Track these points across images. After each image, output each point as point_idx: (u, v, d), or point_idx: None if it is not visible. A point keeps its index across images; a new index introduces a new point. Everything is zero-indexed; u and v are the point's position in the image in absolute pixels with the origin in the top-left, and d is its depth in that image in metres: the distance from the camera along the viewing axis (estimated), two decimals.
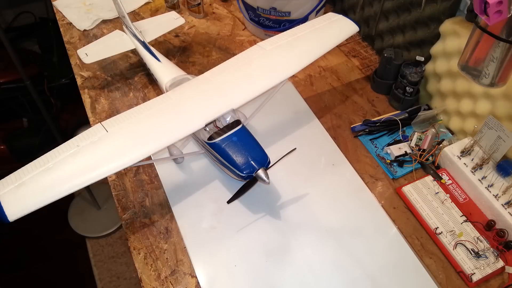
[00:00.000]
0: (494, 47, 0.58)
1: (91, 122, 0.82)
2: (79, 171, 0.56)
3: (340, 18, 0.80)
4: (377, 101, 0.89)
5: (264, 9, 0.94)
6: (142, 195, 0.72)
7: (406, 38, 0.88)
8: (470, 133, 0.76)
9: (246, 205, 0.70)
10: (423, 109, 0.84)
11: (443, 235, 0.66)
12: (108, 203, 1.79)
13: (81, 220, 1.76)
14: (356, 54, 0.99)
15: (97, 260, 1.67)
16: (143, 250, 0.66)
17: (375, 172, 0.76)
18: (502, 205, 0.66)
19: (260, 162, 0.67)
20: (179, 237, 0.67)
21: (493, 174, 0.69)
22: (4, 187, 0.54)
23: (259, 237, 0.66)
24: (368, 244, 0.66)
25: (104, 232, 1.73)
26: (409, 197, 0.71)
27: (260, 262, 0.64)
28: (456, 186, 0.73)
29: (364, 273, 0.63)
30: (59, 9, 1.11)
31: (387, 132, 0.82)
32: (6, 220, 0.53)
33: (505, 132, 0.67)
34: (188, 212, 0.69)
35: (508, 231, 0.65)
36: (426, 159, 0.76)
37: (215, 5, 1.13)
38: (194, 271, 0.63)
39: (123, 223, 0.69)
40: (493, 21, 0.54)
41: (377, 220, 0.69)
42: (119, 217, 0.70)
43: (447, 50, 0.77)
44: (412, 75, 0.81)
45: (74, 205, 1.80)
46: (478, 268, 0.62)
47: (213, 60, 0.98)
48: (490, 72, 0.61)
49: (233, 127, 0.69)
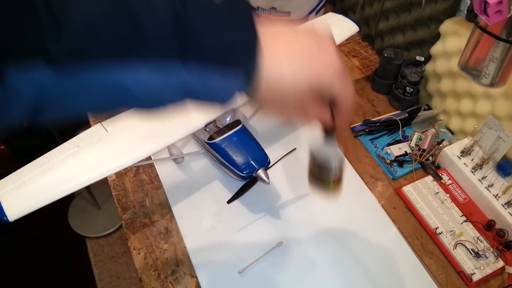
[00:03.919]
0: (494, 47, 0.58)
1: (91, 122, 0.82)
2: (79, 171, 0.56)
3: (340, 18, 0.80)
4: (377, 101, 0.89)
5: (264, 9, 0.94)
6: (142, 195, 0.72)
7: (406, 38, 0.88)
8: (470, 133, 0.76)
9: (246, 205, 0.70)
10: (423, 109, 0.84)
11: (443, 235, 0.66)
12: (108, 203, 1.79)
13: (81, 220, 1.76)
14: (356, 54, 0.99)
15: (97, 260, 1.67)
16: (143, 250, 0.66)
17: (375, 172, 0.76)
18: (502, 205, 0.66)
19: (260, 162, 0.67)
20: (179, 237, 0.67)
21: (493, 174, 0.69)
22: (4, 187, 0.54)
23: (259, 237, 0.66)
24: (368, 244, 0.66)
25: (104, 232, 1.73)
26: (409, 197, 0.71)
27: (260, 262, 0.64)
28: (456, 186, 0.73)
29: (364, 273, 0.63)
30: None
31: (387, 132, 0.82)
32: (6, 220, 0.53)
33: (505, 132, 0.67)
34: (188, 212, 0.69)
35: (508, 231, 0.65)
36: (426, 159, 0.76)
37: None
38: (194, 271, 0.63)
39: (123, 223, 0.69)
40: (493, 21, 0.54)
41: (377, 220, 0.69)
42: (119, 217, 0.70)
43: (447, 50, 0.77)
44: (412, 75, 0.81)
45: (74, 205, 1.80)
46: (478, 268, 0.62)
47: None
48: (490, 72, 0.61)
49: (233, 127, 0.69)
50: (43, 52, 0.28)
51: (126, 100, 0.33)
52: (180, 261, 0.65)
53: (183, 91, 0.33)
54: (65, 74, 0.29)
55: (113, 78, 0.30)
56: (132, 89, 0.31)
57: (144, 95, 0.32)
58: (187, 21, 0.30)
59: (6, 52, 0.27)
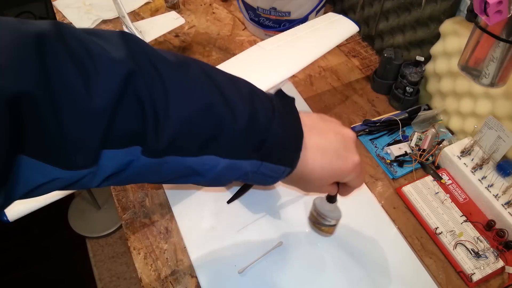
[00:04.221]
0: (494, 47, 0.58)
1: None
2: None
3: (340, 18, 0.80)
4: (377, 101, 0.89)
5: (264, 9, 0.94)
6: (142, 195, 0.72)
7: (406, 38, 0.89)
8: (470, 133, 0.76)
9: (246, 205, 0.70)
10: (423, 109, 0.84)
11: (443, 235, 0.66)
12: (108, 203, 1.79)
13: (81, 220, 1.76)
14: (356, 54, 0.99)
15: (97, 260, 1.67)
16: (143, 250, 0.66)
17: (375, 172, 0.76)
18: (502, 205, 0.66)
19: None
20: (179, 237, 0.67)
21: (493, 174, 0.69)
22: None
23: (259, 237, 0.66)
24: (368, 244, 0.66)
25: (104, 232, 1.73)
26: (409, 197, 0.71)
27: (260, 262, 0.64)
28: (456, 186, 0.73)
29: (364, 272, 0.63)
30: (59, 9, 1.11)
31: (387, 132, 0.82)
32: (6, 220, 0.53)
33: (505, 132, 0.67)
34: (188, 212, 0.70)
35: (508, 231, 0.65)
36: (426, 159, 0.76)
37: (215, 5, 1.14)
38: (194, 271, 0.63)
39: (123, 223, 0.69)
40: (493, 21, 0.54)
41: (377, 220, 0.69)
42: (119, 217, 0.70)
43: (447, 50, 0.77)
44: (412, 75, 0.81)
45: (74, 205, 1.80)
46: (478, 268, 0.62)
47: (213, 60, 0.98)
48: (490, 72, 0.61)
49: None
50: (142, 143, 0.33)
51: (196, 179, 0.40)
52: (180, 261, 0.65)
53: (243, 177, 0.41)
54: (155, 160, 0.35)
55: (193, 166, 0.37)
56: (206, 174, 0.39)
57: (214, 179, 0.40)
58: (257, 123, 0.38)
59: (107, 139, 0.31)
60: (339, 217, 0.62)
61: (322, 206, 0.61)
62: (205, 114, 0.35)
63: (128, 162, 0.34)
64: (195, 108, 0.35)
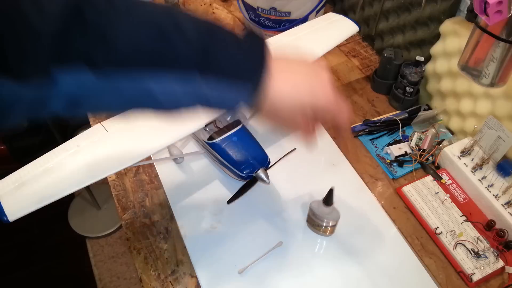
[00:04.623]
0: (494, 47, 0.58)
1: (91, 122, 0.82)
2: (79, 171, 0.56)
3: (340, 18, 0.80)
4: (377, 101, 0.89)
5: (264, 9, 0.94)
6: (142, 195, 0.72)
7: (406, 38, 0.88)
8: (470, 133, 0.76)
9: (246, 205, 0.70)
10: (423, 109, 0.84)
11: (443, 235, 0.66)
12: (108, 203, 1.79)
13: (81, 220, 1.76)
14: (356, 54, 0.99)
15: (97, 260, 1.67)
16: (143, 250, 0.66)
17: (375, 172, 0.76)
18: (502, 205, 0.66)
19: (260, 162, 0.67)
20: (179, 237, 0.67)
21: (493, 174, 0.69)
22: (4, 187, 0.54)
23: (259, 237, 0.66)
24: (368, 244, 0.66)
25: (104, 232, 1.73)
26: (409, 197, 0.71)
27: (260, 262, 0.64)
28: (456, 186, 0.73)
29: (364, 273, 0.63)
30: None
31: (387, 132, 0.82)
32: (6, 220, 0.53)
33: (505, 132, 0.67)
34: (188, 212, 0.69)
35: (508, 231, 0.65)
36: (426, 159, 0.76)
37: (215, 5, 1.13)
38: (194, 271, 0.63)
39: (123, 223, 0.69)
40: (493, 21, 0.54)
41: (377, 220, 0.69)
42: (119, 217, 0.70)
43: (447, 50, 0.77)
44: (412, 75, 0.81)
45: (74, 205, 1.80)
46: (478, 268, 0.62)
47: None
48: (490, 72, 0.61)
49: (233, 127, 0.69)
50: (88, 60, 0.34)
51: (150, 103, 0.40)
52: (180, 261, 0.65)
53: (198, 99, 0.40)
54: (104, 79, 0.35)
55: (143, 85, 0.37)
56: (158, 95, 0.38)
57: (167, 101, 0.39)
58: (212, 47, 0.38)
59: (57, 56, 0.33)
60: (338, 218, 0.62)
61: (319, 209, 0.62)
62: (157, 37, 0.36)
63: (82, 82, 0.35)
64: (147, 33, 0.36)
